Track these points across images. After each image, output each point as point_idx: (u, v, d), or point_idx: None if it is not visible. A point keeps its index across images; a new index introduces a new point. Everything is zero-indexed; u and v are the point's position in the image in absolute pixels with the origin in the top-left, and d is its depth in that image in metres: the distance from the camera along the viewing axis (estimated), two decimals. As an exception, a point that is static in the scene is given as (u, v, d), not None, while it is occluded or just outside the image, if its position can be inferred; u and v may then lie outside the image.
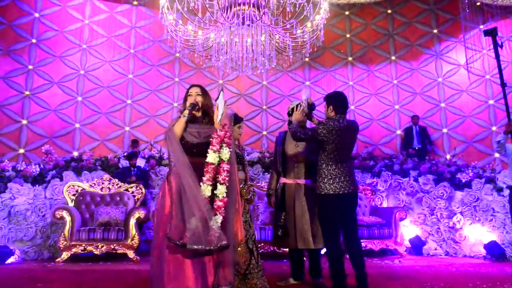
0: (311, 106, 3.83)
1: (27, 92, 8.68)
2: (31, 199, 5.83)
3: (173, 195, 2.69)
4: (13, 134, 8.47)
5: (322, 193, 3.38)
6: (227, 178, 2.74)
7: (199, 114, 2.98)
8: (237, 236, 3.37)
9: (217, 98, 2.98)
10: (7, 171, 6.16)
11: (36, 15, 9.01)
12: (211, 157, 2.74)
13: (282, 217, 3.75)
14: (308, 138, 3.49)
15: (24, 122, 8.56)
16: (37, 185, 6.08)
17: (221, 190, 2.71)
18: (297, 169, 3.81)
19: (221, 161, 2.77)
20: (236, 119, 3.73)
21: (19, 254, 5.59)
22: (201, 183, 2.69)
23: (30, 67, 8.79)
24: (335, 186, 3.35)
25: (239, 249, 3.46)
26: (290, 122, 3.98)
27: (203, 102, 2.98)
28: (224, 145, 2.80)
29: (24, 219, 5.74)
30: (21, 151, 8.43)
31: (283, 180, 3.86)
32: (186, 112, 2.85)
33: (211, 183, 2.72)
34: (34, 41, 8.89)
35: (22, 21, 8.91)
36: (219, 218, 2.67)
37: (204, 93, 3.05)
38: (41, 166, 6.50)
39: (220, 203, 2.69)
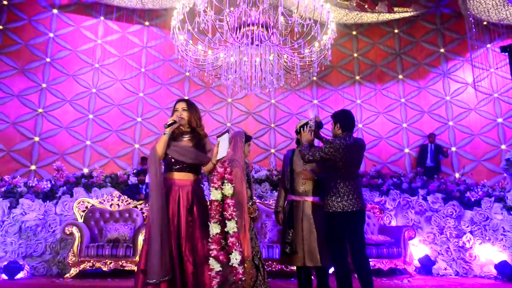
0: (319, 124, 3.88)
1: (40, 110, 8.86)
2: (42, 214, 5.90)
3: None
4: (25, 150, 8.63)
5: (330, 211, 3.40)
6: (234, 213, 2.71)
7: (186, 129, 3.00)
8: (244, 253, 3.39)
9: (221, 135, 2.99)
10: (19, 186, 6.26)
11: (51, 35, 9.27)
12: (214, 194, 2.73)
13: (290, 234, 3.76)
14: (317, 160, 3.51)
15: (36, 139, 8.72)
16: (48, 201, 6.16)
17: (230, 226, 2.67)
18: (305, 187, 3.83)
19: (225, 197, 2.74)
20: (245, 137, 3.79)
21: (29, 269, 5.63)
22: (209, 222, 2.68)
23: (44, 85, 9.00)
24: (343, 204, 3.36)
25: (245, 265, 3.48)
26: (298, 140, 4.04)
27: (189, 117, 2.98)
28: (225, 181, 2.76)
29: (34, 234, 5.80)
30: (33, 167, 8.56)
31: (291, 197, 3.88)
32: (168, 129, 2.86)
33: (218, 220, 2.70)
34: (48, 60, 9.13)
35: (37, 41, 9.17)
36: (237, 255, 2.64)
37: (191, 108, 3.02)
38: (52, 182, 6.60)
39: (233, 239, 2.65)
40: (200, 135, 3.01)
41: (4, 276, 5.39)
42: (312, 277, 3.96)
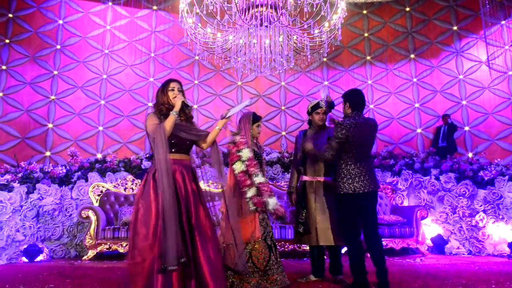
0: (330, 104, 3.88)
1: (52, 97, 8.96)
2: (58, 199, 6.03)
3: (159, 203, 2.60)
4: (40, 137, 8.77)
5: (342, 192, 3.41)
6: (256, 170, 3.14)
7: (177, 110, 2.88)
8: (254, 234, 3.45)
9: (228, 113, 3.02)
10: (35, 172, 6.39)
11: (60, 22, 9.30)
12: (238, 167, 3.10)
13: (303, 214, 3.80)
14: (336, 148, 3.46)
15: (50, 125, 8.85)
16: (63, 186, 6.28)
17: (259, 179, 3.21)
18: (317, 167, 3.84)
19: (247, 161, 3.11)
20: (255, 118, 3.80)
21: (48, 252, 5.80)
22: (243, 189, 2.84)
23: (55, 72, 9.08)
24: (354, 185, 3.37)
25: (256, 246, 3.53)
26: (310, 121, 4.04)
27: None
28: (241, 148, 3.07)
29: (51, 218, 5.95)
30: (48, 153, 8.71)
31: (303, 177, 3.90)
32: (177, 108, 2.75)
33: (249, 185, 3.17)
34: (58, 47, 9.18)
35: (47, 28, 9.21)
36: (273, 200, 3.11)
37: (183, 88, 2.97)
38: (67, 167, 6.72)
39: (264, 188, 3.27)
40: (188, 116, 2.94)
41: (24, 259, 5.56)
42: (325, 257, 4.00)
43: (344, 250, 4.55)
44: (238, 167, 3.03)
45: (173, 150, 2.81)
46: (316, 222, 3.73)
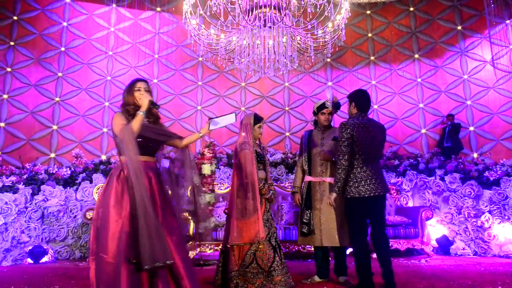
0: (336, 105, 3.89)
1: (57, 99, 9.00)
2: (63, 200, 6.05)
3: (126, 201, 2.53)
4: (44, 139, 8.81)
5: (348, 196, 3.41)
6: (210, 187, 2.83)
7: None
8: (259, 234, 3.45)
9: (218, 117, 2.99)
10: (40, 174, 6.42)
11: (65, 24, 9.34)
12: (206, 169, 2.88)
13: (307, 214, 3.79)
14: (346, 151, 3.43)
15: (55, 127, 8.88)
16: (68, 187, 6.31)
17: (207, 199, 2.83)
18: (322, 167, 3.84)
19: (203, 175, 2.92)
20: (256, 119, 3.80)
21: (52, 253, 5.82)
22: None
23: (60, 74, 9.12)
24: (360, 189, 3.37)
25: (261, 246, 3.53)
26: (315, 122, 4.04)
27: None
28: (206, 162, 2.95)
29: (56, 220, 5.97)
30: (52, 155, 8.75)
31: (308, 178, 3.90)
32: (145, 108, 2.64)
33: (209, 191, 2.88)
34: (63, 49, 9.22)
35: (51, 31, 9.25)
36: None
37: (150, 88, 2.85)
38: (72, 169, 6.74)
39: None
40: (155, 117, 2.85)
41: (29, 260, 5.59)
42: (330, 258, 3.99)
43: (349, 251, 4.54)
44: (207, 170, 3.05)
45: (140, 151, 2.67)
46: (321, 223, 3.72)
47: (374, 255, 3.51)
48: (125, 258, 2.42)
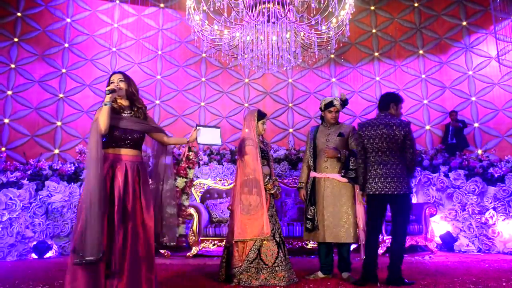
0: (344, 102, 3.92)
1: (61, 95, 9.02)
2: (67, 196, 6.08)
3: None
4: (48, 135, 8.83)
5: (366, 192, 3.56)
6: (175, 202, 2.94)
7: (126, 103, 2.83)
8: (264, 230, 3.45)
9: (205, 126, 3.02)
10: (44, 170, 6.43)
11: (68, 20, 9.34)
12: (180, 183, 3.07)
13: (311, 210, 3.80)
14: (359, 149, 3.68)
15: (59, 123, 8.91)
16: (72, 183, 6.33)
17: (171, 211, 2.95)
18: (327, 164, 3.84)
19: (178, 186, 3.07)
20: (260, 115, 3.80)
21: (57, 249, 5.85)
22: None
23: (63, 70, 9.13)
24: (373, 186, 3.49)
25: (265, 242, 3.54)
26: (322, 118, 4.03)
27: (127, 89, 2.81)
28: (181, 172, 3.09)
29: (60, 215, 5.99)
30: (56, 151, 8.78)
31: (313, 174, 3.90)
32: (107, 98, 2.65)
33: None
34: (66, 45, 9.23)
35: (55, 27, 9.26)
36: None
37: (128, 79, 2.85)
38: (76, 165, 6.76)
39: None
40: (141, 108, 2.85)
41: (34, 255, 5.62)
42: (334, 254, 3.98)
43: (353, 247, 4.54)
44: (180, 183, 3.13)
45: (120, 143, 2.73)
46: (324, 219, 3.73)
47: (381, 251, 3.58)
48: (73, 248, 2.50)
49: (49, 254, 5.69)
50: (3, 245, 5.40)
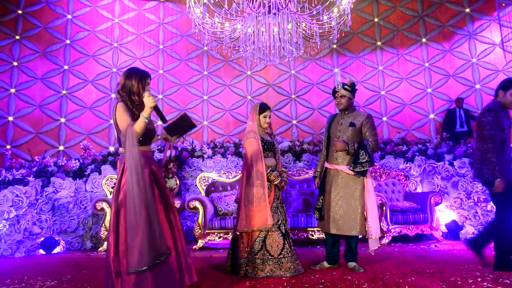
0: (351, 86, 3.86)
1: (64, 92, 9.04)
2: (73, 192, 6.11)
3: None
4: (53, 132, 8.87)
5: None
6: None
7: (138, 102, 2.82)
8: (267, 222, 3.47)
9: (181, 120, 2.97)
10: (50, 166, 6.47)
11: (69, 16, 9.33)
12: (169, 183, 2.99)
13: (320, 200, 3.82)
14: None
15: (62, 120, 8.94)
16: (77, 179, 6.36)
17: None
18: (337, 155, 3.81)
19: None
20: (261, 108, 3.79)
21: (64, 244, 5.90)
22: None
23: (66, 67, 9.14)
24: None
25: (270, 233, 3.55)
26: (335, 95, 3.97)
27: None
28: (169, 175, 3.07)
29: (67, 211, 6.04)
30: (61, 148, 8.82)
31: (326, 164, 3.90)
32: (149, 112, 2.65)
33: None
34: (68, 42, 9.23)
35: (56, 24, 9.25)
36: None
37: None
38: (80, 161, 6.79)
39: None
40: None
41: (41, 251, 5.67)
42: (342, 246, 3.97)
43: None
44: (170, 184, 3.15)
45: (145, 140, 2.80)
46: (330, 210, 3.73)
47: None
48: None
49: (56, 250, 5.74)
50: (11, 242, 5.45)
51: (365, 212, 3.69)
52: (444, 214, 6.21)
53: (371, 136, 3.77)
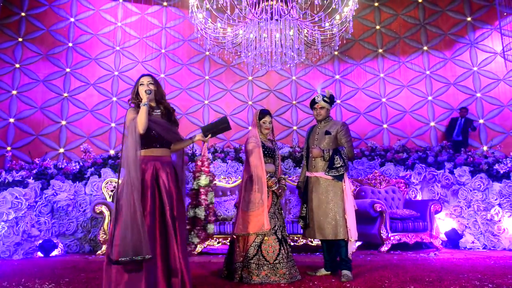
0: (330, 98, 3.95)
1: (65, 94, 9.06)
2: (72, 195, 6.10)
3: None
4: (53, 134, 8.88)
5: None
6: (205, 201, 2.94)
7: (153, 104, 2.87)
8: (264, 226, 3.47)
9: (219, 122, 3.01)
10: (49, 168, 6.47)
11: (72, 20, 9.38)
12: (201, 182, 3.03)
13: (304, 208, 3.87)
14: None
15: (63, 122, 8.95)
16: (77, 182, 6.35)
17: (199, 212, 2.95)
18: (315, 162, 3.88)
19: (200, 187, 2.99)
20: (261, 114, 3.82)
21: (62, 247, 5.88)
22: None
23: (68, 70, 9.17)
24: None
25: (266, 238, 3.55)
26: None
27: (156, 91, 2.85)
28: (202, 173, 3.05)
29: (66, 214, 6.02)
30: (61, 150, 8.82)
31: (307, 173, 3.96)
32: (145, 99, 2.69)
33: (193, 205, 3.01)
34: (70, 44, 9.27)
35: (59, 26, 9.30)
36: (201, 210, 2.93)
37: (156, 82, 2.89)
38: (81, 164, 6.79)
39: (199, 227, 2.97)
40: (169, 109, 2.92)
41: (40, 254, 5.65)
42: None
43: (358, 243, 4.53)
44: (197, 183, 3.08)
45: (154, 145, 2.76)
46: (313, 217, 3.77)
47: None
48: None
49: (55, 253, 5.72)
50: (9, 244, 5.43)
51: (345, 216, 3.71)
52: (444, 222, 6.19)
53: (346, 142, 3.84)
